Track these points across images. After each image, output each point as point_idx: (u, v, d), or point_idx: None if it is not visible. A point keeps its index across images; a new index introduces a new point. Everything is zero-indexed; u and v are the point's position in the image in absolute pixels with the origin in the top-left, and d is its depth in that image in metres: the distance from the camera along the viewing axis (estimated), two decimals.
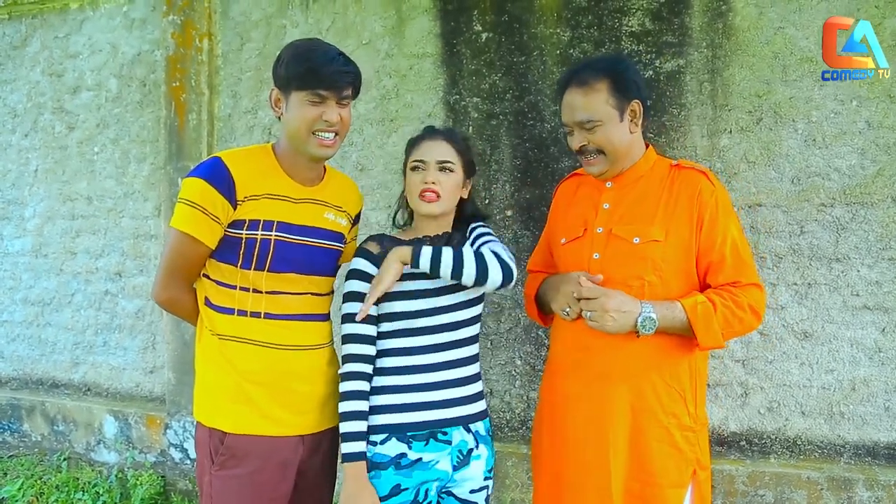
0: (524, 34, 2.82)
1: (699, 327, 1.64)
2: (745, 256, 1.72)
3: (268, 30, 3.28)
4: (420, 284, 1.74)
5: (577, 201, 1.90)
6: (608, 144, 1.74)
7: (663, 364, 1.70)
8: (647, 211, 1.74)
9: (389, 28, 3.03)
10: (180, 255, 1.70)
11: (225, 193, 1.65)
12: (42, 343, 3.95)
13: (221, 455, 1.69)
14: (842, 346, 2.50)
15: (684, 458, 1.70)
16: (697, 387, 1.75)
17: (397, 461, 1.70)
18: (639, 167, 1.81)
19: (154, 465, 3.46)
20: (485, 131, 2.88)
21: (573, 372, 1.79)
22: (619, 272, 1.72)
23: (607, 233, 1.76)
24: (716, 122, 2.59)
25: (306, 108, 1.66)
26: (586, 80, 1.74)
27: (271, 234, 1.69)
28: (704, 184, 1.73)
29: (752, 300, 1.69)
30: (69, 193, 3.83)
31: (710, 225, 1.69)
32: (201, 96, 3.37)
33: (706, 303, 1.65)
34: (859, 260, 2.47)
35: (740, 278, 1.69)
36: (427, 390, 1.73)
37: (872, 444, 2.50)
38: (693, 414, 1.72)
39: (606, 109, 1.72)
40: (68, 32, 3.81)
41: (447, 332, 1.75)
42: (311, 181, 1.80)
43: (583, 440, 1.74)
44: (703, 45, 2.60)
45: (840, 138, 2.47)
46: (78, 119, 3.80)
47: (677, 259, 1.70)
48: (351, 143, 3.11)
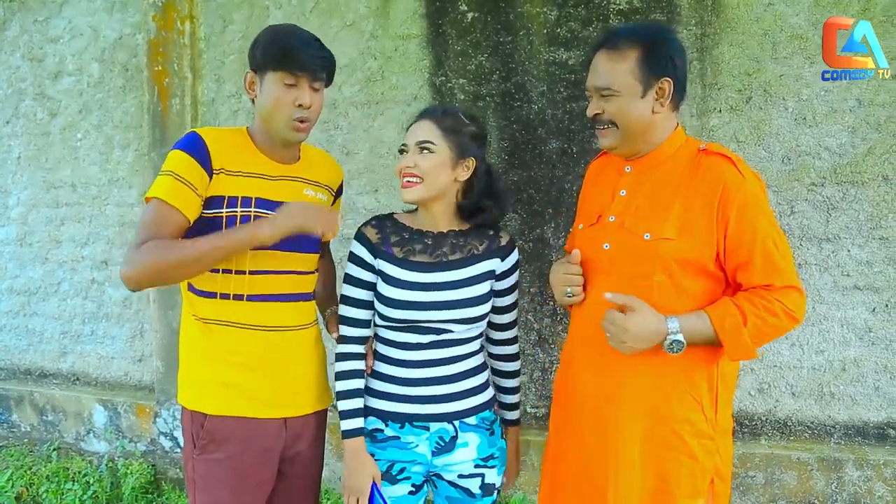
0: (510, 13, 2.77)
1: (728, 339, 1.51)
2: (778, 256, 1.54)
3: (251, 12, 3.22)
4: (421, 277, 1.71)
5: (599, 185, 1.77)
6: (622, 118, 1.59)
7: (676, 370, 1.57)
8: (663, 204, 1.59)
9: (374, 9, 2.98)
10: (154, 224, 1.60)
11: (200, 161, 1.63)
12: (29, 333, 3.92)
13: (202, 439, 1.68)
14: (832, 326, 2.49)
15: (700, 467, 1.58)
16: (720, 392, 1.61)
17: (373, 434, 1.74)
18: (661, 151, 1.64)
19: (144, 454, 3.44)
20: (471, 113, 2.84)
21: (584, 366, 1.70)
22: (627, 268, 1.60)
23: (619, 224, 1.63)
24: (705, 102, 2.56)
25: (281, 89, 1.66)
26: (617, 45, 1.59)
27: (250, 211, 1.67)
28: (731, 175, 1.54)
29: (788, 303, 1.52)
30: (53, 181, 3.78)
31: (737, 222, 1.52)
32: (184, 80, 3.31)
33: (735, 315, 1.51)
34: (850, 240, 2.45)
35: (774, 281, 1.52)
36: (408, 385, 1.72)
37: (862, 424, 2.49)
38: (712, 420, 1.59)
39: (629, 81, 1.57)
40: (48, 16, 3.74)
41: (441, 332, 1.71)
42: (288, 160, 1.79)
43: (588, 437, 1.67)
44: (693, 22, 2.55)
45: (830, 116, 2.44)
46: (60, 105, 3.73)
47: (691, 258, 1.55)
48: (336, 126, 3.07)
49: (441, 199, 1.73)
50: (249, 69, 1.73)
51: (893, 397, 2.45)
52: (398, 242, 1.74)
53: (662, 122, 1.63)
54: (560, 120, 2.72)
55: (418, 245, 1.74)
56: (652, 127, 1.62)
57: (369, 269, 1.74)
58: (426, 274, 1.70)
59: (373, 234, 1.75)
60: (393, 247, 1.74)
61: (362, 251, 1.75)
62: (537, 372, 2.77)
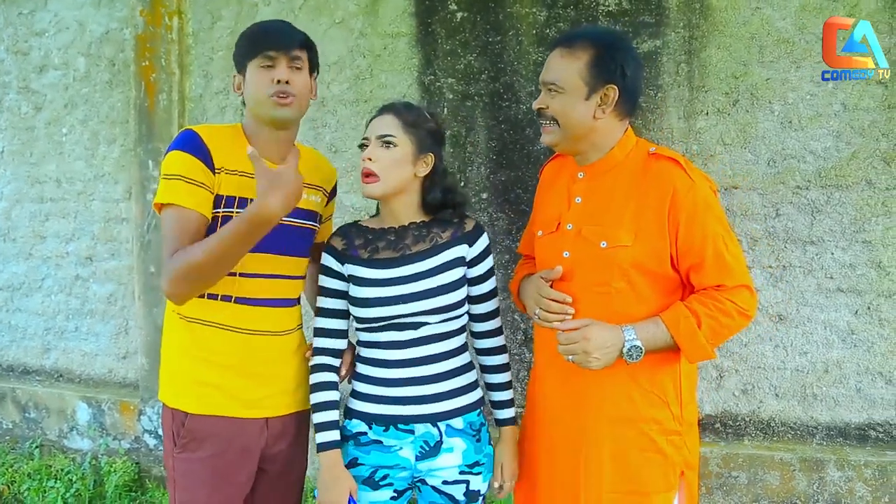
0: (500, 13, 2.77)
1: (684, 343, 1.54)
2: (729, 256, 1.57)
3: (239, 8, 3.20)
4: (387, 273, 1.70)
5: (554, 190, 1.80)
6: (563, 116, 1.61)
7: (639, 372, 1.60)
8: (617, 210, 1.61)
9: (363, 6, 2.97)
10: (178, 230, 1.59)
11: (202, 159, 1.62)
12: (12, 329, 3.88)
13: (183, 438, 1.68)
14: (815, 328, 2.51)
15: (670, 462, 1.62)
16: (683, 389, 1.65)
17: (356, 437, 1.73)
18: (612, 157, 1.66)
19: (128, 452, 3.42)
20: (460, 112, 2.84)
21: (548, 370, 1.73)
22: (587, 276, 1.63)
23: (577, 232, 1.66)
24: (692, 104, 2.57)
25: (260, 72, 1.67)
26: (572, 44, 1.62)
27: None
28: (680, 179, 1.57)
29: (740, 302, 1.56)
30: (37, 176, 3.74)
31: (688, 226, 1.55)
32: (172, 76, 3.29)
33: (689, 317, 1.54)
34: (833, 243, 2.48)
35: (725, 281, 1.56)
36: (391, 386, 1.71)
37: (844, 425, 2.52)
38: (679, 416, 1.63)
39: (576, 80, 1.59)
40: (33, 9, 3.70)
41: (419, 327, 1.70)
42: (283, 160, 1.76)
43: (555, 441, 1.69)
44: (681, 25, 2.57)
45: (816, 120, 2.46)
46: (45, 99, 3.70)
47: (647, 263, 1.58)
48: (325, 124, 3.06)
49: (401, 195, 1.73)
50: (235, 72, 1.75)
51: (874, 399, 2.48)
52: (363, 244, 1.75)
53: (605, 127, 1.64)
54: None
55: (381, 242, 1.74)
56: (593, 131, 1.63)
57: (338, 276, 1.75)
58: (392, 269, 1.71)
59: (339, 243, 1.76)
60: (358, 249, 1.74)
61: (330, 261, 1.76)
62: (523, 371, 2.78)
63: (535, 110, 1.69)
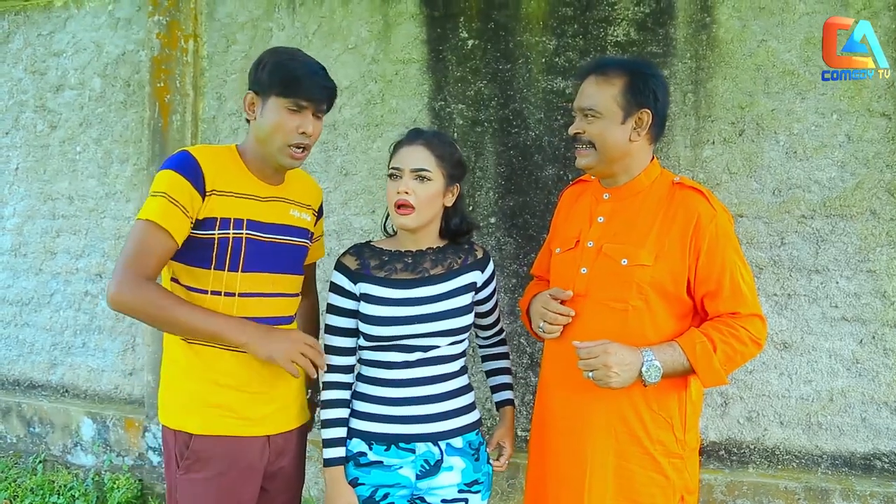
0: (510, 42, 2.83)
1: (700, 367, 1.58)
2: (745, 286, 1.64)
3: (254, 32, 3.26)
4: (404, 293, 1.74)
5: (576, 210, 1.86)
6: (600, 140, 1.68)
7: (649, 392, 1.63)
8: (640, 231, 1.67)
9: (376, 33, 3.03)
10: (144, 246, 1.60)
11: (193, 182, 1.64)
12: (20, 343, 3.90)
13: (187, 459, 1.68)
14: (820, 357, 2.52)
15: (671, 485, 1.65)
16: (688, 414, 1.69)
17: (357, 458, 1.75)
18: (638, 182, 1.73)
19: (132, 469, 3.42)
20: (469, 138, 2.88)
21: (557, 387, 1.76)
22: (604, 292, 1.67)
23: (597, 249, 1.71)
24: (699, 133, 2.61)
25: (284, 115, 1.68)
26: (606, 72, 1.70)
27: (242, 233, 1.69)
28: (704, 208, 1.64)
29: (753, 330, 1.62)
30: (50, 192, 3.79)
31: (709, 253, 1.62)
32: (186, 97, 3.34)
33: (705, 342, 1.59)
34: (838, 272, 2.50)
35: (739, 309, 1.62)
36: (394, 405, 1.73)
37: (849, 455, 2.51)
38: (682, 440, 1.67)
39: (612, 106, 1.67)
40: (52, 30, 3.78)
41: (428, 349, 1.74)
42: (275, 181, 1.82)
43: (562, 456, 1.71)
44: (687, 55, 2.61)
45: (820, 151, 2.49)
46: (60, 118, 3.76)
47: (665, 284, 1.63)
48: (335, 147, 3.10)
49: (430, 226, 1.80)
50: (250, 89, 1.74)
51: (879, 428, 2.48)
52: (378, 265, 1.78)
53: (638, 151, 1.72)
54: (556, 147, 2.76)
55: (399, 264, 1.78)
56: (628, 154, 1.71)
57: (350, 296, 1.78)
58: (410, 290, 1.74)
59: (352, 262, 1.80)
60: (373, 269, 1.78)
61: (342, 280, 1.79)
62: (529, 395, 2.78)
63: (571, 135, 1.76)
